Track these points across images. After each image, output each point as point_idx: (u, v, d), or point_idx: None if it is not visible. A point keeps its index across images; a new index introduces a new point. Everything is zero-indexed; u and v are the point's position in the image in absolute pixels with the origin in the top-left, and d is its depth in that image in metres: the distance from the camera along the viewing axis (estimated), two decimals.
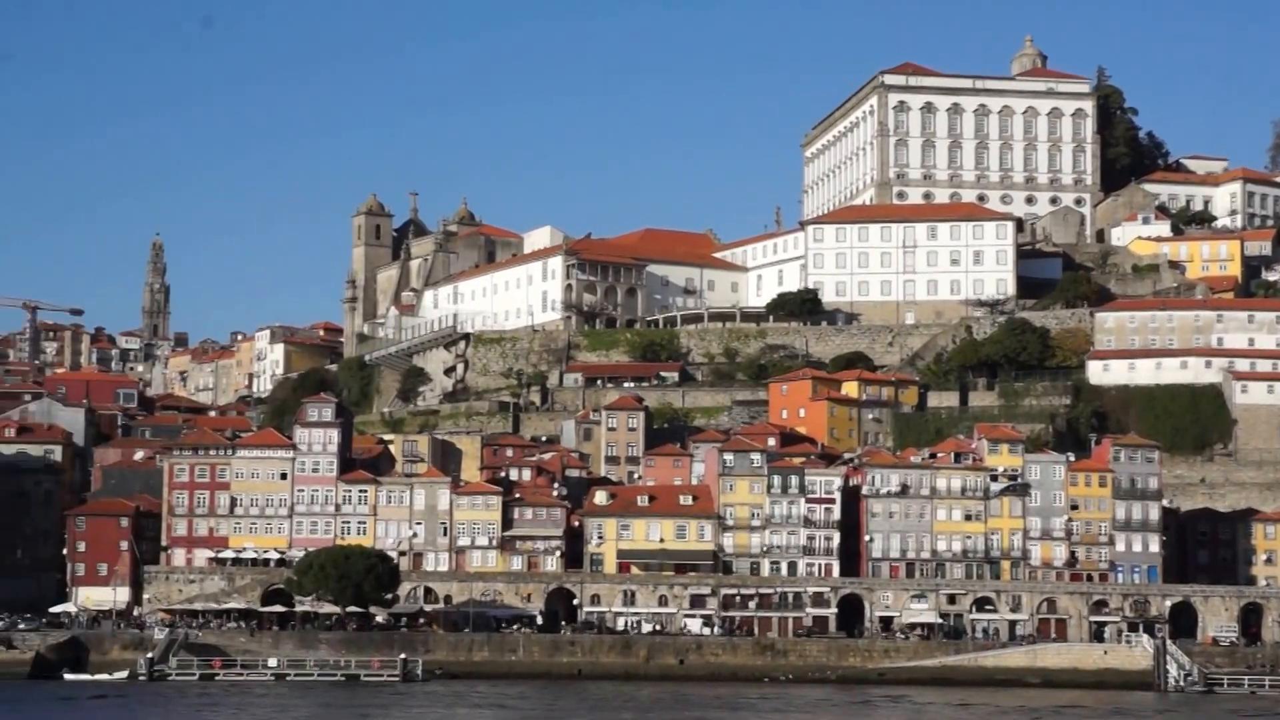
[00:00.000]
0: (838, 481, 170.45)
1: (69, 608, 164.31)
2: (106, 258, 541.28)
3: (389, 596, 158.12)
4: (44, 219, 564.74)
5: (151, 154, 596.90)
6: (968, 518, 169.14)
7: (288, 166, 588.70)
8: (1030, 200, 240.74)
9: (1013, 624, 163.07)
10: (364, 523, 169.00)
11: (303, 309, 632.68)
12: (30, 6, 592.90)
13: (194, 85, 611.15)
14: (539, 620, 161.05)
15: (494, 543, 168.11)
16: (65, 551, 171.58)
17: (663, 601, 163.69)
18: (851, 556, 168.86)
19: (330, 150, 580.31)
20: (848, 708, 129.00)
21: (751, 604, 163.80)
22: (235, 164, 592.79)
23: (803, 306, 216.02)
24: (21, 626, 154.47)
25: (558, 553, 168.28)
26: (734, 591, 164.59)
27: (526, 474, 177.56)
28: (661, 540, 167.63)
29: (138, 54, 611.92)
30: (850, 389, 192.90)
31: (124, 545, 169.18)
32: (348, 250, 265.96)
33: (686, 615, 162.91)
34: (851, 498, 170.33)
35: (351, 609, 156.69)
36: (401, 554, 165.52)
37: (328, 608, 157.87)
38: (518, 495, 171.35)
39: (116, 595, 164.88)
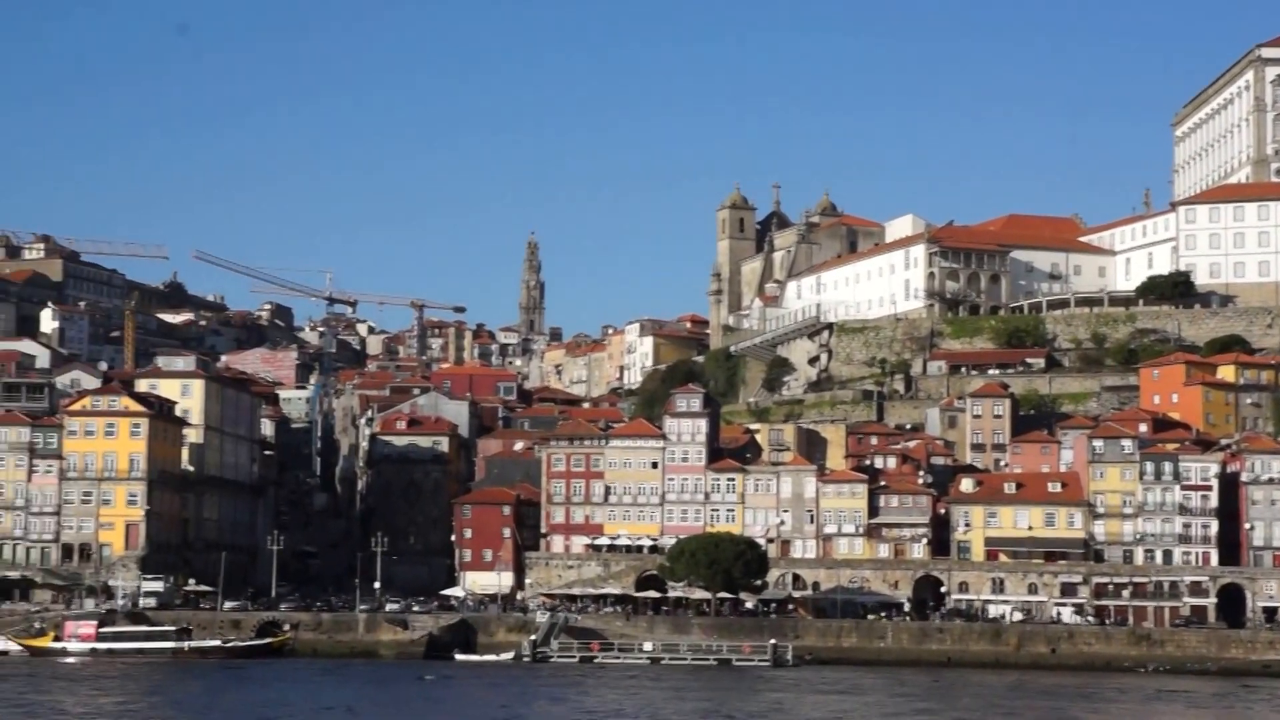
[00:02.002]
0: (1214, 468, 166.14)
1: (457, 591, 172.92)
2: (486, 257, 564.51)
3: (758, 583, 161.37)
4: (429, 222, 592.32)
5: (526, 157, 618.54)
6: None
7: (654, 163, 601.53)
8: None
9: None
10: (732, 510, 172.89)
11: (670, 302, 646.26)
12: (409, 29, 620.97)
13: (565, 91, 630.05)
14: (906, 607, 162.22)
15: (860, 530, 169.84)
16: (453, 538, 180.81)
17: (1032, 589, 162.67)
18: (1231, 545, 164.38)
19: (695, 145, 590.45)
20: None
21: (1125, 593, 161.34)
22: (603, 162, 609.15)
23: (1174, 289, 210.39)
24: (415, 609, 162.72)
25: (924, 540, 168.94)
26: (1106, 580, 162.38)
27: (891, 462, 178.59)
28: (1030, 528, 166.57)
29: (514, 63, 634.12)
30: (1226, 373, 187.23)
31: (506, 532, 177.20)
32: (712, 243, 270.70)
33: (1057, 603, 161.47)
34: (1230, 485, 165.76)
35: (722, 595, 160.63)
36: (769, 541, 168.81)
37: (699, 593, 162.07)
38: (883, 483, 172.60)
39: (500, 580, 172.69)
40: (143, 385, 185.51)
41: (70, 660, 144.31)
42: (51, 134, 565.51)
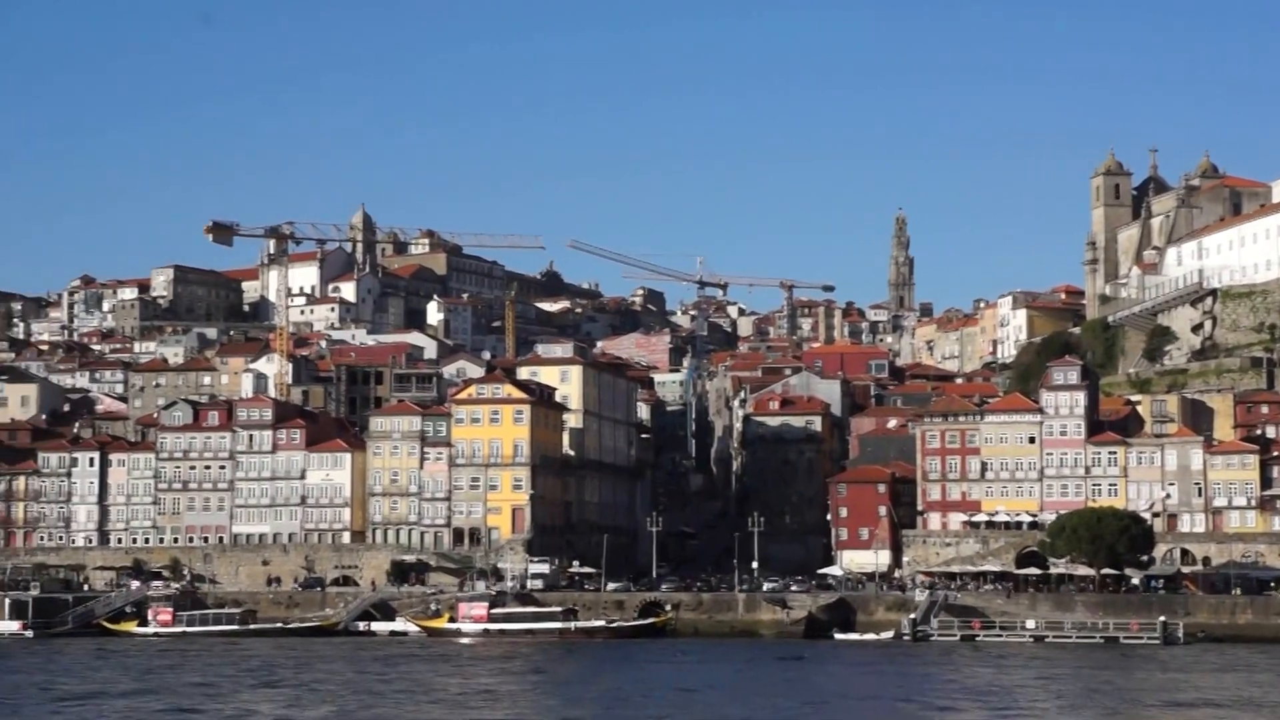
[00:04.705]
0: None
1: (835, 570, 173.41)
2: (854, 235, 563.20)
3: (1144, 558, 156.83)
4: (797, 202, 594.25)
5: (893, 131, 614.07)
6: None
7: (1024, 131, 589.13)
8: None
9: None
10: (1114, 484, 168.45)
11: (1042, 273, 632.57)
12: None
13: (930, 61, 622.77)
14: None
15: (1252, 502, 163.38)
16: (829, 517, 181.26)
17: None
18: None
19: (1066, 111, 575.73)
20: None
21: None
22: (971, 133, 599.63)
23: None
24: (793, 588, 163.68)
25: None
26: None
27: None
28: None
29: (884, 37, 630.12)
30: None
31: (882, 510, 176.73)
32: (1086, 211, 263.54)
33: None
34: None
35: (1105, 571, 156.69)
36: (1154, 515, 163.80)
37: (1082, 570, 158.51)
38: (1276, 453, 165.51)
39: (878, 558, 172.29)
40: (524, 373, 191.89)
41: (465, 640, 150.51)
42: (434, 133, 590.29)
